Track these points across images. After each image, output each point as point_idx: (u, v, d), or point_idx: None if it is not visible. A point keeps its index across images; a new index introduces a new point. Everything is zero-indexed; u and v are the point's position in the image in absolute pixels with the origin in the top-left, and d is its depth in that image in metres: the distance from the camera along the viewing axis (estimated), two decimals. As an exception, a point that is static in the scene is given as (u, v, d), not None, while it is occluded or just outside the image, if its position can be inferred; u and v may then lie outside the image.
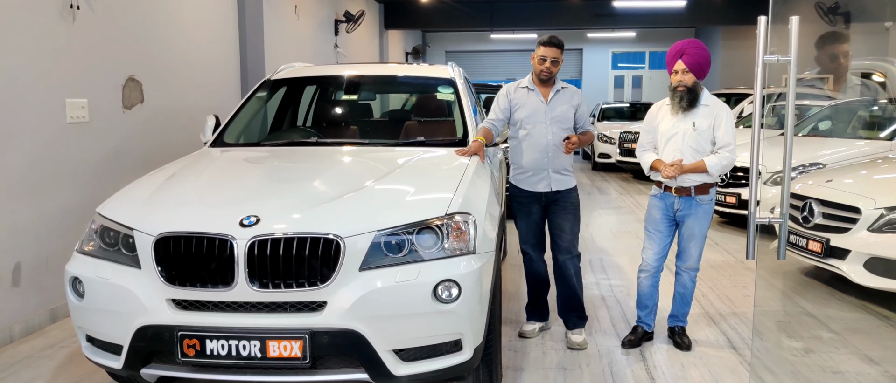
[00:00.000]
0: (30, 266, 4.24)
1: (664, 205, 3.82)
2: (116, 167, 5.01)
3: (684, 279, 3.89)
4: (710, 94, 3.76)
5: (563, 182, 3.95)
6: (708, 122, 3.66)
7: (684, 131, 3.67)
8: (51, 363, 3.77)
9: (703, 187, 3.72)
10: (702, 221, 3.77)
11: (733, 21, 15.30)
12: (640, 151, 3.94)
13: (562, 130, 3.91)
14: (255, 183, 3.34)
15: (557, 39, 3.89)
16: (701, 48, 3.69)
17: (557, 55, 3.86)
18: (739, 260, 6.04)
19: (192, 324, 2.63)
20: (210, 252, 2.63)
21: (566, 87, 4.00)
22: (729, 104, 12.20)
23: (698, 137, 3.66)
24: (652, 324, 4.00)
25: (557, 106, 3.91)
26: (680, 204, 3.76)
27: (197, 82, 6.29)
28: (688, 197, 3.73)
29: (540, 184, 3.94)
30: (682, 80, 3.65)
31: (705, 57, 3.69)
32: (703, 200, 3.75)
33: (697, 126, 3.65)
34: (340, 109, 5.18)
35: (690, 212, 3.75)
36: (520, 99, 3.95)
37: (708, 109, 3.69)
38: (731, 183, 7.18)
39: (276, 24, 8.31)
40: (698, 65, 3.64)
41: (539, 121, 3.89)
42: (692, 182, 3.70)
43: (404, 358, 2.71)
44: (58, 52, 4.44)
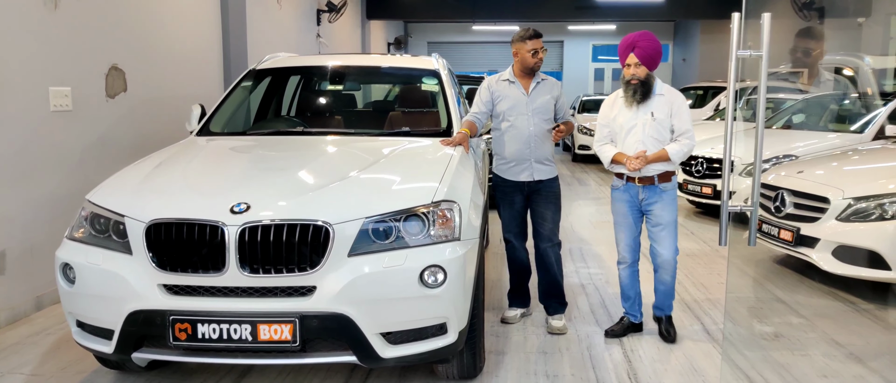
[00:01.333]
0: (15, 253, 4.26)
1: (629, 196, 3.84)
2: (101, 155, 5.02)
3: (662, 274, 3.87)
4: (662, 83, 3.80)
5: (545, 172, 4.05)
6: (665, 111, 3.71)
7: (644, 122, 3.70)
8: (38, 350, 3.80)
9: (665, 175, 3.77)
10: (668, 208, 3.80)
11: (711, 15, 15.52)
12: (598, 145, 3.92)
13: (543, 121, 4.02)
14: (243, 171, 3.40)
15: (539, 31, 4.05)
16: (651, 40, 3.70)
17: (541, 46, 4.03)
18: (714, 248, 6.20)
19: (183, 309, 2.69)
20: (201, 238, 2.69)
21: (546, 78, 4.10)
22: (706, 97, 12.51)
23: (658, 127, 3.70)
24: (638, 316, 4.02)
25: (538, 97, 4.01)
26: (645, 193, 3.79)
27: (180, 71, 6.29)
28: (652, 186, 3.77)
29: (522, 175, 4.03)
30: (635, 73, 3.68)
31: (656, 49, 3.71)
32: (667, 187, 3.79)
33: (656, 116, 3.69)
34: (325, 99, 5.23)
35: (656, 199, 3.78)
36: (502, 91, 4.05)
37: (663, 98, 3.73)
38: (707, 174, 7.35)
39: (259, 14, 8.30)
40: (650, 57, 3.66)
41: (521, 112, 3.99)
42: (655, 171, 3.74)
43: (391, 341, 2.80)
44: (40, 39, 4.44)
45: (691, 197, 7.59)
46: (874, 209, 4.44)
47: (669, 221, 3.79)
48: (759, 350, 3.89)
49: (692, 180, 7.48)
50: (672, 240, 3.82)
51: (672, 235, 3.81)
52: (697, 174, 7.44)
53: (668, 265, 3.85)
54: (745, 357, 3.80)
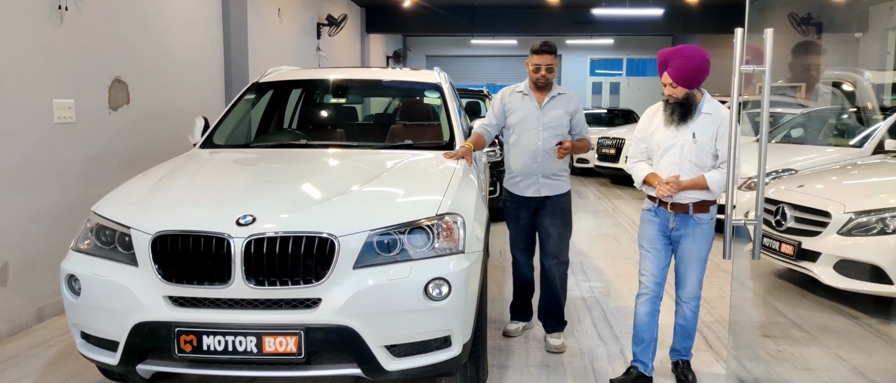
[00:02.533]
0: (17, 265, 4.25)
1: (659, 220, 3.42)
2: (103, 167, 5.03)
3: (684, 310, 3.48)
4: (712, 99, 3.35)
5: (553, 187, 3.95)
6: (709, 133, 3.26)
7: (683, 143, 3.28)
8: (39, 361, 3.78)
9: (702, 205, 3.31)
10: (700, 243, 3.34)
11: (709, 30, 15.62)
12: (631, 162, 3.54)
13: (554, 136, 3.89)
14: (248, 183, 3.40)
15: (550, 45, 3.87)
16: (688, 58, 3.23)
17: (551, 61, 3.86)
18: (715, 262, 6.20)
19: (189, 321, 2.69)
20: (207, 250, 2.69)
21: (563, 92, 3.98)
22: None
23: (699, 150, 3.26)
24: (649, 365, 3.50)
25: (551, 111, 3.91)
26: (675, 222, 3.36)
27: (182, 84, 6.31)
28: (685, 214, 3.33)
29: (529, 190, 3.95)
30: (672, 93, 3.28)
31: (695, 66, 3.22)
32: (703, 219, 3.33)
33: (698, 138, 3.26)
34: (327, 113, 5.25)
35: (687, 231, 3.34)
36: (514, 103, 3.96)
37: (710, 118, 3.28)
38: (707, 188, 7.36)
39: (259, 27, 8.35)
40: (686, 76, 3.22)
41: (530, 126, 3.90)
42: (690, 199, 3.31)
43: (396, 354, 2.79)
44: (45, 52, 4.46)
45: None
46: (875, 223, 4.45)
47: (698, 258, 3.36)
48: (762, 364, 3.88)
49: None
50: (698, 277, 3.41)
51: (699, 272, 3.40)
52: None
53: (690, 302, 3.46)
54: (748, 371, 3.80)
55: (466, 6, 15.25)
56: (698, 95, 3.31)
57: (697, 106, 3.29)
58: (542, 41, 3.88)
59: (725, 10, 14.52)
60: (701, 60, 3.23)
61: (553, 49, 3.88)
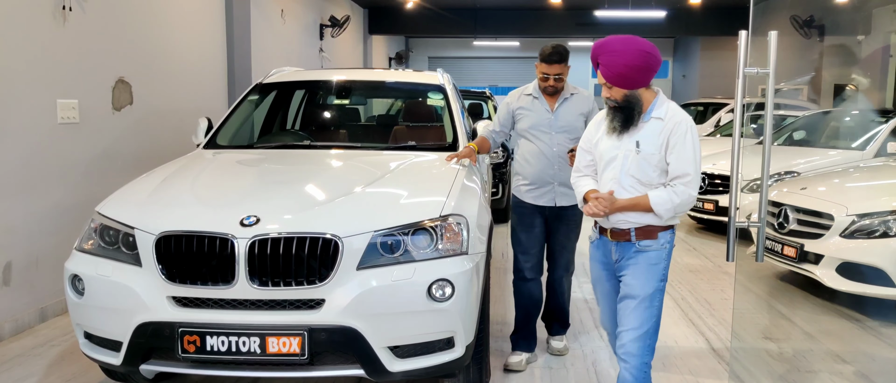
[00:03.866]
0: (20, 265, 4.26)
1: (601, 254, 2.81)
2: (106, 167, 5.04)
3: (624, 374, 2.66)
4: (667, 101, 2.71)
5: (569, 196, 3.63)
6: (658, 142, 2.61)
7: (625, 154, 2.65)
8: (42, 361, 3.79)
9: (648, 230, 2.66)
10: (643, 278, 2.64)
11: (712, 32, 15.63)
12: (574, 177, 2.90)
13: (569, 141, 3.61)
14: (252, 184, 3.41)
15: (560, 53, 3.55)
16: (616, 53, 2.61)
17: (561, 71, 3.58)
18: (717, 264, 6.21)
19: (192, 321, 2.69)
20: (211, 251, 2.69)
21: (576, 92, 3.71)
22: (707, 113, 12.56)
23: (642, 163, 2.63)
24: None
25: (564, 115, 3.65)
26: (618, 252, 2.72)
27: (185, 84, 6.32)
28: (626, 243, 2.68)
29: (543, 199, 3.68)
30: (609, 95, 2.67)
31: (625, 63, 2.58)
32: (648, 247, 2.66)
33: (642, 147, 2.62)
34: (330, 113, 5.25)
35: (628, 262, 2.69)
36: (523, 107, 3.70)
37: (659, 125, 2.63)
38: (709, 190, 7.36)
39: (263, 28, 8.36)
40: (618, 75, 2.61)
41: (544, 131, 3.64)
42: (632, 223, 2.66)
43: (399, 355, 2.80)
44: (49, 52, 4.47)
45: (693, 213, 7.61)
46: (878, 226, 4.45)
47: (640, 295, 2.63)
48: (765, 366, 3.88)
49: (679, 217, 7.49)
50: (640, 326, 2.62)
51: (641, 317, 2.62)
52: (699, 190, 7.45)
53: (631, 361, 2.63)
54: (751, 374, 3.80)
55: (469, 8, 15.25)
56: (647, 96, 2.68)
57: (645, 110, 2.67)
58: (552, 47, 3.54)
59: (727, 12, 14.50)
60: (633, 55, 2.59)
61: (563, 57, 3.57)
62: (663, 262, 2.69)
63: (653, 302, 2.66)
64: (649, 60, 2.61)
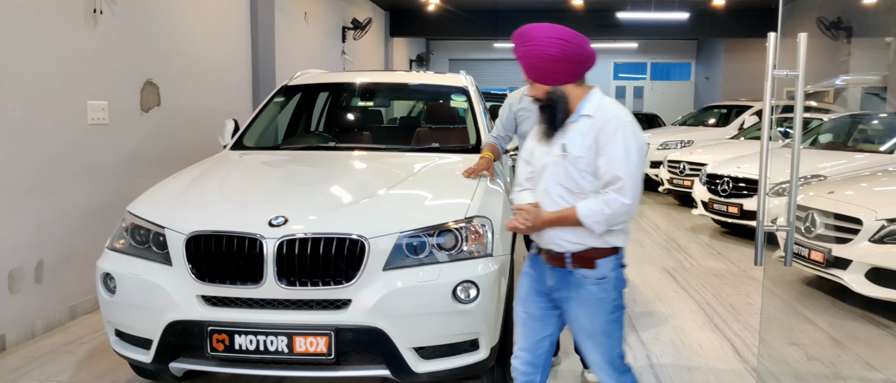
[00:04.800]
0: (52, 263, 4.34)
1: (534, 274, 2.49)
2: (134, 167, 5.12)
3: None
4: (598, 98, 2.34)
5: None
6: (586, 143, 2.27)
7: (555, 159, 2.34)
8: (73, 358, 3.86)
9: (585, 257, 2.31)
10: (591, 310, 2.33)
11: (736, 33, 15.47)
12: (514, 191, 2.55)
13: None
14: (279, 185, 3.45)
15: None
16: (534, 43, 2.29)
17: None
18: (741, 269, 6.14)
19: (221, 320, 2.73)
20: (240, 250, 2.73)
21: None
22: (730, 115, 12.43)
23: (570, 168, 2.29)
24: None
25: None
26: (553, 279, 2.40)
27: (210, 86, 6.40)
28: (562, 270, 2.35)
29: None
30: (532, 92, 2.38)
31: (543, 53, 2.27)
32: (588, 277, 2.31)
33: (569, 150, 2.29)
34: (354, 115, 5.29)
35: (570, 294, 2.36)
36: (526, 108, 3.44)
37: (588, 123, 2.29)
38: (733, 193, 7.29)
39: (286, 31, 8.44)
40: (533, 68, 2.32)
41: None
42: (566, 244, 2.31)
43: (424, 356, 2.81)
44: (81, 55, 4.55)
45: (717, 216, 7.54)
46: (908, 231, 4.38)
47: (595, 329, 2.35)
48: (792, 373, 3.84)
49: (718, 199, 7.43)
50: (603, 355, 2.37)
51: (602, 348, 2.36)
52: (724, 193, 7.38)
53: None
54: (778, 380, 3.75)
55: (490, 10, 15.26)
56: (576, 93, 2.33)
57: (574, 108, 2.33)
58: None
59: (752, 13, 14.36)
60: (548, 44, 2.27)
61: None
62: (611, 294, 2.34)
63: (610, 333, 2.37)
64: (568, 50, 2.27)
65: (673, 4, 13.71)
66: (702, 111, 13.58)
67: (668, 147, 11.04)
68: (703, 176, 7.86)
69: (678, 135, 11.60)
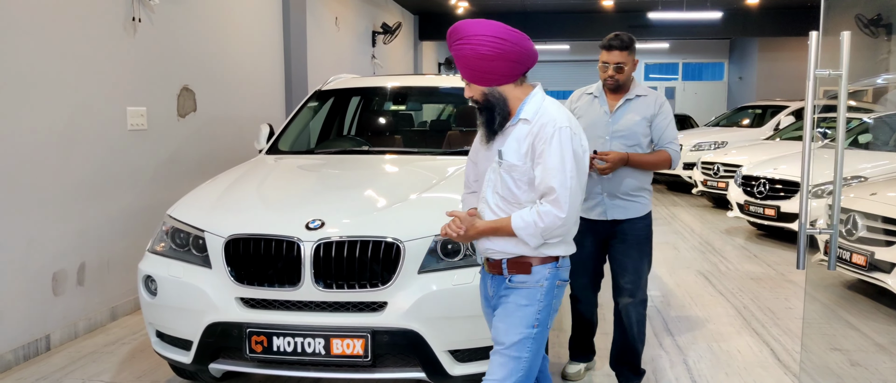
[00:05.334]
0: (93, 266, 4.44)
1: (483, 283, 2.40)
2: (171, 172, 5.22)
3: None
4: (543, 99, 2.22)
5: (626, 209, 3.23)
6: (522, 150, 2.16)
7: (493, 166, 2.24)
8: (114, 358, 3.94)
9: (520, 262, 2.21)
10: (509, 321, 2.18)
11: (770, 33, 15.20)
12: (463, 194, 2.55)
13: (625, 148, 3.20)
14: (315, 189, 3.48)
15: (621, 40, 3.17)
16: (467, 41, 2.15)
17: (623, 59, 3.17)
18: (779, 272, 6.03)
19: (260, 322, 2.77)
20: (278, 253, 2.77)
21: (645, 94, 3.29)
22: (765, 116, 12.21)
23: (505, 177, 2.19)
24: None
25: (624, 118, 3.23)
26: (493, 287, 2.31)
27: (245, 91, 6.50)
28: (499, 277, 2.26)
29: (593, 212, 3.26)
30: (469, 93, 2.25)
31: (475, 52, 2.13)
32: (522, 284, 2.20)
33: (505, 157, 2.18)
34: (385, 119, 5.32)
35: (501, 302, 2.25)
36: (582, 108, 3.35)
37: (525, 128, 2.17)
38: (770, 195, 7.16)
39: (318, 36, 8.52)
40: (469, 68, 2.18)
41: (597, 134, 3.24)
42: (501, 253, 2.22)
43: (459, 359, 2.81)
44: (120, 62, 4.66)
45: (753, 218, 7.40)
46: (955, 233, 4.25)
47: (505, 343, 2.17)
48: (836, 379, 3.75)
49: (754, 202, 7.30)
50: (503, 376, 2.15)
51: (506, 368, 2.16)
52: (760, 195, 7.25)
53: None
54: (819, 385, 3.68)
55: (519, 11, 15.24)
56: (516, 94, 2.21)
57: (513, 111, 2.21)
58: (614, 34, 3.20)
59: (787, 12, 14.10)
60: (481, 42, 2.13)
61: (625, 44, 3.18)
62: (536, 305, 2.18)
63: (520, 352, 2.15)
64: (503, 48, 2.13)
65: (705, 4, 13.52)
66: (736, 112, 13.37)
67: (702, 148, 10.88)
68: (738, 177, 7.74)
69: (712, 136, 11.43)
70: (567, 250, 2.27)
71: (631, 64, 3.21)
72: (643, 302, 3.33)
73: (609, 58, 3.20)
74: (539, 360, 2.26)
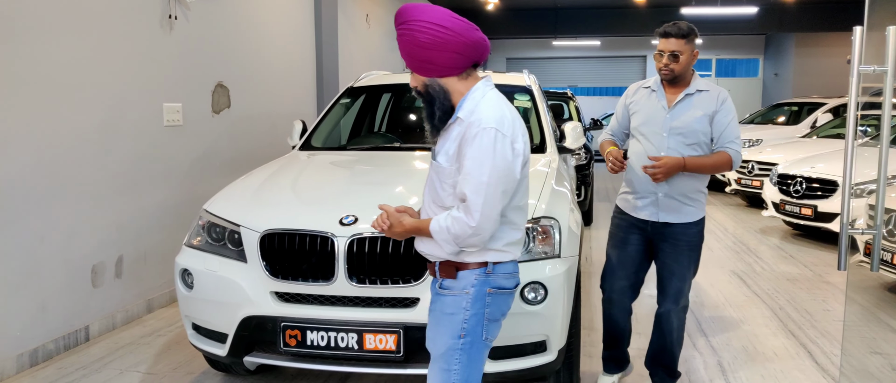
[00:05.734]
0: (130, 259, 4.53)
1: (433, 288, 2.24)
2: (206, 167, 5.30)
3: None
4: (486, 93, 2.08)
5: (679, 212, 3.08)
6: (451, 152, 2.05)
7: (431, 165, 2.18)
8: (150, 350, 4.02)
9: (446, 266, 2.10)
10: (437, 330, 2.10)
11: (807, 28, 14.88)
12: None
13: (685, 146, 3.04)
14: (348, 185, 3.50)
15: (678, 28, 3.01)
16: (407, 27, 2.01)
17: (679, 47, 3.01)
18: (816, 273, 5.90)
19: (294, 316, 2.80)
20: (312, 248, 2.79)
21: (706, 89, 3.10)
22: (801, 113, 11.95)
23: (434, 177, 2.12)
24: None
25: (683, 113, 3.06)
26: (432, 290, 2.22)
27: (277, 88, 6.57)
28: (433, 279, 2.18)
29: (643, 211, 3.14)
30: (412, 83, 2.15)
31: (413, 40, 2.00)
32: (449, 290, 2.09)
33: (439, 158, 2.10)
34: (416, 116, 5.33)
35: (432, 307, 2.18)
36: (639, 102, 3.21)
37: (460, 128, 2.04)
38: (807, 194, 7.01)
39: (349, 33, 8.57)
40: (408, 55, 2.05)
41: (654, 131, 3.09)
42: (429, 254, 2.14)
43: (491, 356, 2.79)
44: (157, 59, 4.74)
45: (790, 218, 7.26)
46: None
47: (435, 353, 2.11)
48: (874, 382, 3.66)
49: (790, 201, 7.16)
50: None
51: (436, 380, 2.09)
52: (796, 194, 7.11)
53: None
54: (859, 388, 3.60)
55: (549, 7, 15.15)
56: (459, 88, 2.08)
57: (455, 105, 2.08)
58: (671, 22, 3.07)
59: (825, 6, 13.79)
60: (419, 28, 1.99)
61: (684, 32, 3.01)
62: (462, 313, 2.04)
63: (449, 364, 2.05)
64: (443, 37, 1.98)
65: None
66: (771, 109, 13.12)
67: (736, 146, 10.69)
68: (773, 176, 7.59)
69: (746, 133, 11.23)
70: (500, 256, 2.09)
71: (688, 54, 3.04)
72: (685, 308, 3.24)
73: (665, 45, 3.03)
74: (477, 375, 2.11)
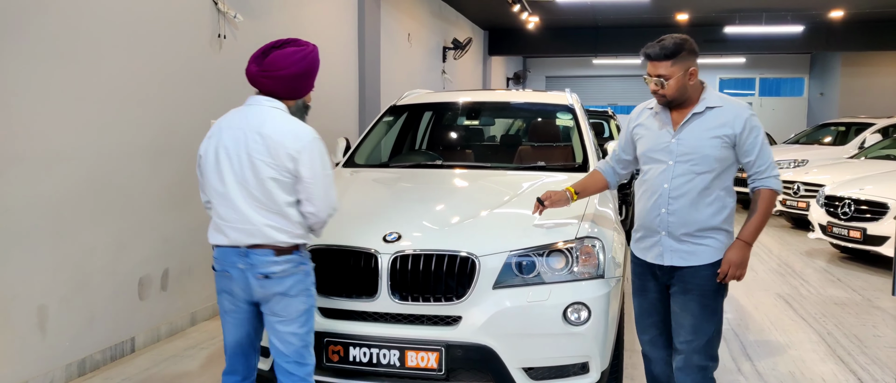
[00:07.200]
0: (176, 272, 4.63)
1: None
2: (250, 184, 5.39)
3: None
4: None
5: (687, 253, 2.62)
6: None
7: None
8: (194, 362, 4.09)
9: None
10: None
11: (854, 47, 14.53)
12: None
13: (694, 174, 2.58)
14: (391, 202, 3.54)
15: (661, 47, 2.55)
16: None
17: (666, 70, 2.55)
18: (865, 297, 5.72)
19: (337, 331, 2.82)
20: (356, 265, 2.82)
21: (719, 104, 2.62)
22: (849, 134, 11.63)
23: None
24: None
25: (691, 136, 2.60)
26: None
27: (321, 106, 6.66)
28: None
29: (650, 252, 2.73)
30: None
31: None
32: None
33: None
34: (457, 134, 5.36)
35: None
36: (643, 124, 2.79)
37: None
38: (855, 216, 6.81)
39: (390, 52, 8.68)
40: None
41: (659, 158, 2.66)
42: None
43: (533, 377, 2.79)
44: (206, 77, 4.87)
45: (837, 240, 7.06)
46: None
47: None
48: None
49: (838, 223, 6.96)
50: None
51: None
52: (844, 216, 6.91)
53: None
54: (914, 420, 3.46)
55: (590, 26, 15.11)
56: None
57: None
58: (657, 40, 2.60)
59: (873, 25, 13.46)
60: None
61: (668, 51, 2.55)
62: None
63: None
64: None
65: (786, 17, 13.07)
66: (817, 129, 12.83)
67: (781, 166, 10.47)
68: (820, 197, 7.40)
69: (791, 153, 10.99)
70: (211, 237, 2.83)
71: (680, 75, 2.55)
72: (701, 368, 2.64)
73: (651, 69, 2.60)
74: None
